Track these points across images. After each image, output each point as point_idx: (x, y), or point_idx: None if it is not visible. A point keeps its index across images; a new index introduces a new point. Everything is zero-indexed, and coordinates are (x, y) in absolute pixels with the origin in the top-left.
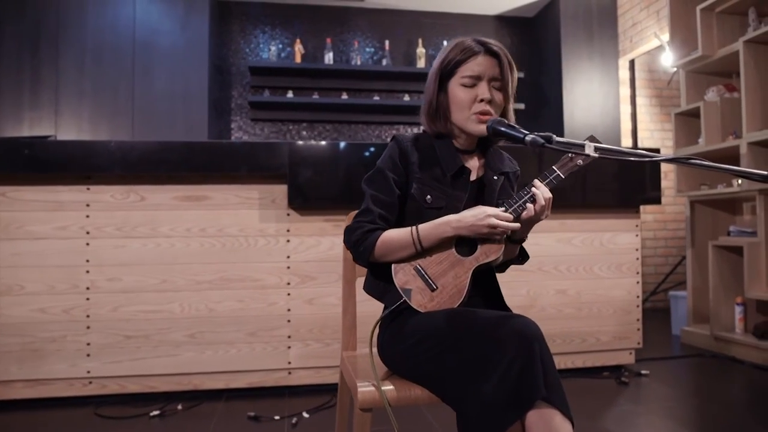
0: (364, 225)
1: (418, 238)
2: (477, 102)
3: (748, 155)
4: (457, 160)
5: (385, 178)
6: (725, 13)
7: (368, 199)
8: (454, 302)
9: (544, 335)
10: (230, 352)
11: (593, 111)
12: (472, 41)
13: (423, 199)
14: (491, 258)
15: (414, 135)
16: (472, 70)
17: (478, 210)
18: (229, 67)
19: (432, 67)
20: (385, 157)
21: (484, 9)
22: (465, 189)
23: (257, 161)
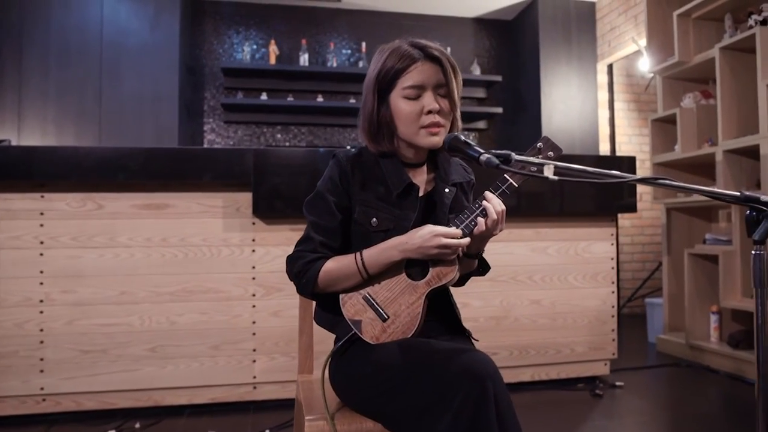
0: (306, 255)
1: (363, 265)
2: (425, 114)
3: (723, 163)
4: (404, 177)
5: (326, 202)
6: (702, 20)
7: (309, 227)
8: (407, 331)
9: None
10: (192, 367)
11: (571, 115)
12: (408, 46)
13: (368, 222)
14: (445, 280)
15: (356, 151)
16: (414, 80)
17: (425, 230)
18: (201, 68)
19: (366, 78)
20: (325, 179)
21: (462, 11)
22: (414, 206)
23: (221, 168)
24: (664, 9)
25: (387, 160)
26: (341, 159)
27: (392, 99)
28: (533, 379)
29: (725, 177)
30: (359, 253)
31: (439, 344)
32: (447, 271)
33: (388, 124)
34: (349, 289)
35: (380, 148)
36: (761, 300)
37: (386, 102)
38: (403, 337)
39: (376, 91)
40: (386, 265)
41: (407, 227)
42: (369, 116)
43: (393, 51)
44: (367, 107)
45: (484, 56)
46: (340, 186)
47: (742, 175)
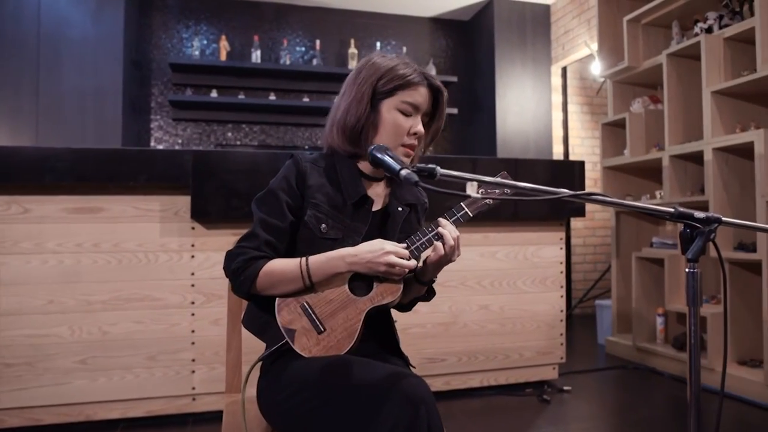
0: (248, 251)
1: (307, 271)
2: (409, 134)
3: (669, 168)
4: (360, 188)
5: (278, 201)
6: (651, 26)
7: (256, 223)
8: (342, 347)
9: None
10: (127, 379)
11: (525, 117)
12: (410, 69)
13: (317, 227)
14: (388, 300)
15: (316, 155)
16: (414, 99)
17: (376, 245)
18: (148, 63)
19: (357, 78)
20: (279, 178)
21: (419, 11)
22: (366, 220)
23: (158, 170)
24: (615, 14)
25: (345, 168)
26: (299, 159)
27: (385, 106)
28: (482, 384)
29: (671, 182)
30: (305, 259)
31: (374, 364)
32: (391, 290)
33: (368, 128)
34: (288, 294)
35: (348, 148)
36: (694, 320)
37: (376, 107)
38: (337, 353)
39: (370, 94)
40: (331, 275)
41: (356, 240)
42: (358, 115)
43: (403, 63)
44: (360, 106)
45: (440, 57)
46: (295, 187)
47: (687, 180)
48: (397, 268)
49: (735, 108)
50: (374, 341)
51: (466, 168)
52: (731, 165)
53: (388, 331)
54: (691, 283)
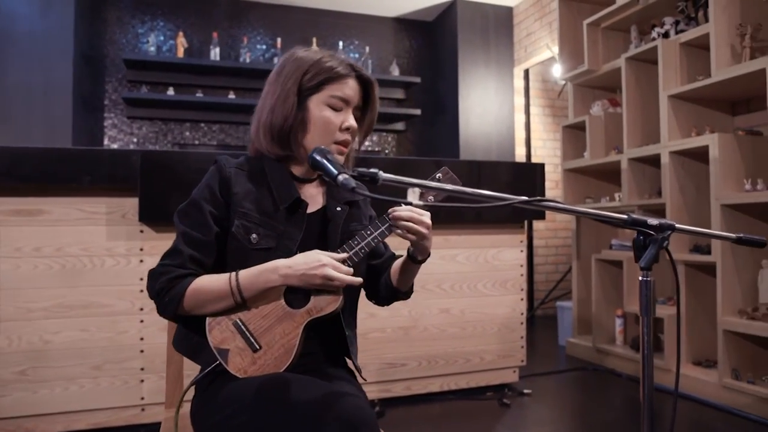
0: (171, 270)
1: (237, 287)
2: (341, 130)
3: (628, 171)
4: (292, 191)
5: (200, 212)
6: (610, 29)
7: (179, 237)
8: (280, 365)
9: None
10: (70, 390)
11: (488, 119)
12: (337, 61)
13: (247, 238)
14: (326, 311)
15: (242, 158)
16: (343, 92)
17: (311, 256)
18: (102, 59)
19: (280, 75)
20: (201, 186)
21: (383, 10)
22: (300, 225)
23: (103, 170)
24: (575, 17)
25: (275, 170)
26: (223, 165)
27: (312, 103)
28: (442, 389)
29: (630, 185)
30: (235, 274)
31: (314, 384)
32: (330, 301)
33: (297, 126)
34: (219, 312)
35: (276, 150)
36: (647, 328)
37: (303, 104)
38: (275, 371)
39: (296, 90)
40: (263, 289)
41: (291, 248)
42: (284, 114)
43: (328, 56)
44: (285, 107)
45: (403, 57)
46: (219, 195)
47: (645, 182)
48: (334, 282)
49: (691, 112)
50: (322, 354)
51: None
52: (687, 168)
53: (337, 342)
54: (644, 291)
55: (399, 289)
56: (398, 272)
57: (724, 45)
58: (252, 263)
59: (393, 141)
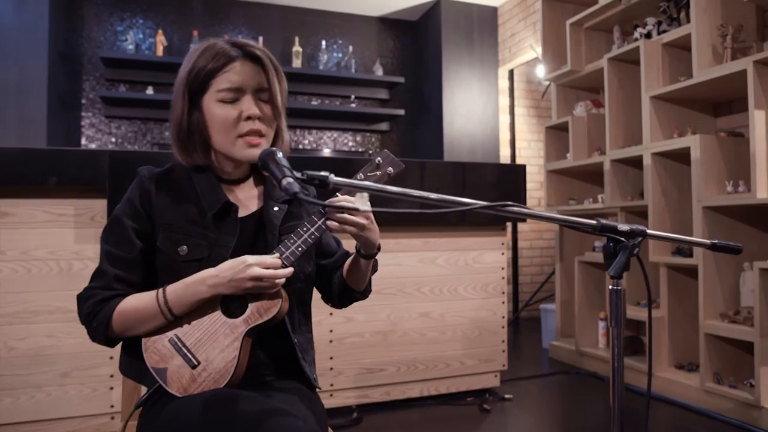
0: (96, 293)
1: (165, 303)
2: (243, 120)
3: (611, 172)
4: (220, 195)
5: (123, 229)
6: (593, 30)
7: (102, 258)
8: (220, 380)
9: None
10: (37, 398)
11: (472, 119)
12: (225, 44)
13: (174, 250)
14: (266, 317)
15: (167, 167)
16: (230, 81)
17: (237, 260)
18: (79, 57)
19: (176, 79)
20: (123, 201)
21: (366, 10)
22: (233, 230)
23: (70, 171)
24: (558, 18)
25: (201, 176)
26: (142, 177)
27: (205, 103)
28: (422, 394)
29: (612, 186)
30: (162, 290)
31: (250, 401)
32: (269, 306)
33: (201, 132)
34: (154, 331)
35: (192, 160)
36: (617, 341)
37: (199, 107)
38: (216, 387)
39: (186, 94)
40: (194, 302)
41: (225, 255)
42: (178, 123)
43: (207, 48)
44: (176, 112)
45: (387, 56)
46: (141, 209)
47: (628, 184)
48: (264, 281)
49: (673, 113)
50: (272, 365)
51: (413, 172)
52: (669, 170)
53: (287, 351)
54: (615, 301)
55: (353, 289)
56: (349, 270)
57: (706, 46)
58: (185, 276)
59: (377, 141)
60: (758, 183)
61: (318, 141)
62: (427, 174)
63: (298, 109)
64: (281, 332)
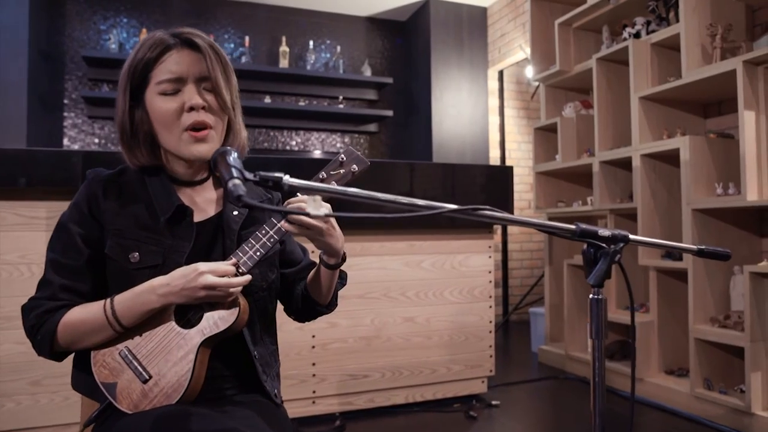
0: (41, 303)
1: (113, 314)
2: (186, 112)
3: (600, 174)
4: (173, 198)
5: (69, 235)
6: (582, 30)
7: (48, 266)
8: (172, 395)
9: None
10: (7, 407)
11: (462, 120)
12: (164, 34)
13: (125, 258)
14: (223, 328)
15: (118, 169)
16: (169, 71)
17: (189, 268)
18: (61, 56)
19: (120, 74)
20: (70, 206)
21: (355, 9)
22: (189, 235)
23: (41, 172)
24: (547, 18)
25: (154, 178)
26: (90, 180)
27: (148, 98)
28: (407, 401)
29: (601, 188)
30: (110, 300)
31: (204, 419)
32: (225, 316)
33: (146, 130)
34: (103, 344)
35: (138, 160)
36: (599, 353)
37: (141, 103)
38: (168, 403)
39: (128, 90)
40: (144, 313)
41: (180, 262)
42: (120, 121)
43: (146, 39)
44: (118, 110)
45: (375, 57)
46: (88, 213)
47: (617, 186)
48: (218, 289)
49: (662, 114)
50: (232, 378)
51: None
52: (659, 172)
53: (248, 364)
54: (595, 311)
55: (316, 301)
56: (312, 281)
57: (695, 45)
58: (137, 285)
59: (365, 143)
60: (748, 185)
61: (306, 142)
62: (415, 176)
63: (285, 110)
64: (241, 344)
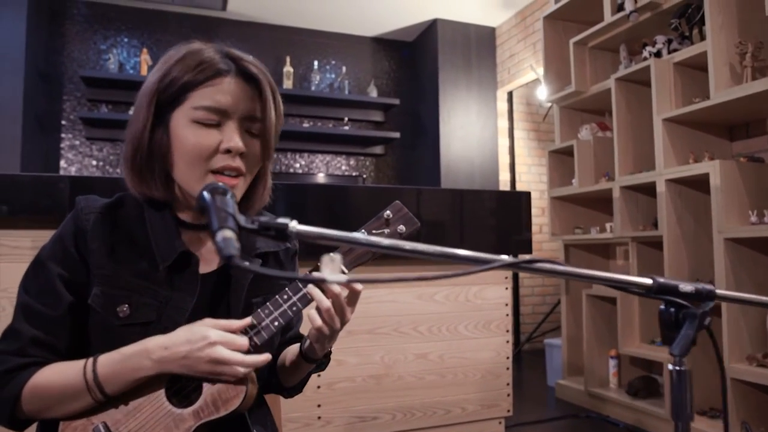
0: (6, 359)
1: (95, 379)
2: (221, 153)
3: (620, 200)
4: (176, 243)
5: (47, 276)
6: (597, 49)
7: (18, 312)
8: None
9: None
10: None
11: (470, 142)
12: (214, 52)
13: (111, 310)
14: (224, 412)
15: (114, 199)
16: (215, 100)
17: (196, 332)
18: (59, 76)
19: (143, 85)
20: (53, 239)
21: (361, 30)
22: (193, 288)
23: (24, 199)
24: (561, 37)
25: (156, 215)
26: (79, 211)
27: (175, 120)
28: None
29: (622, 215)
30: (92, 360)
31: None
32: (230, 396)
33: (164, 155)
34: (76, 414)
35: (149, 191)
36: None
37: (165, 122)
38: None
39: (153, 105)
40: (133, 381)
41: (179, 321)
42: (137, 139)
43: (189, 54)
44: (136, 126)
45: (382, 78)
46: (74, 251)
47: (638, 212)
48: (228, 366)
49: (686, 137)
50: None
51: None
52: (685, 197)
53: None
54: (678, 386)
55: (279, 381)
56: (286, 362)
57: (723, 65)
58: (124, 344)
59: (371, 165)
60: None
61: (310, 165)
62: (424, 202)
63: (289, 132)
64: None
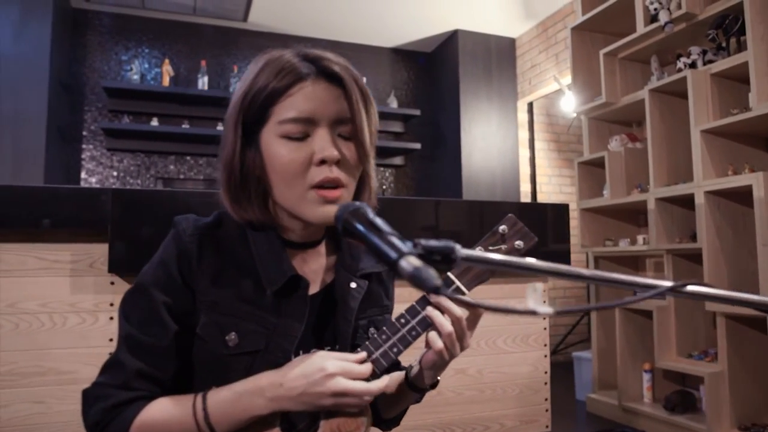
0: (110, 393)
1: (206, 418)
2: (315, 165)
3: (655, 211)
4: (284, 266)
5: (152, 305)
6: (627, 60)
7: (121, 343)
8: None
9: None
10: None
11: (491, 153)
12: (293, 56)
13: (220, 340)
14: None
15: (214, 218)
16: (298, 108)
17: (312, 365)
18: (81, 87)
19: (230, 104)
20: (154, 264)
21: (379, 41)
22: (301, 314)
23: (66, 212)
24: (588, 48)
25: (260, 235)
26: (181, 233)
27: (264, 138)
28: None
29: (658, 227)
30: (201, 399)
31: None
32: (351, 429)
33: (259, 178)
34: None
35: (246, 215)
36: None
37: (255, 143)
38: None
39: (239, 125)
40: (245, 420)
41: (288, 349)
42: (228, 162)
43: (268, 62)
44: (227, 149)
45: (401, 88)
46: (178, 277)
47: (673, 225)
48: (352, 397)
49: (724, 148)
50: None
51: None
52: (723, 210)
53: None
54: None
55: (379, 415)
56: (387, 391)
57: (764, 75)
58: (231, 374)
59: (391, 177)
60: None
61: None
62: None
63: None
64: None
